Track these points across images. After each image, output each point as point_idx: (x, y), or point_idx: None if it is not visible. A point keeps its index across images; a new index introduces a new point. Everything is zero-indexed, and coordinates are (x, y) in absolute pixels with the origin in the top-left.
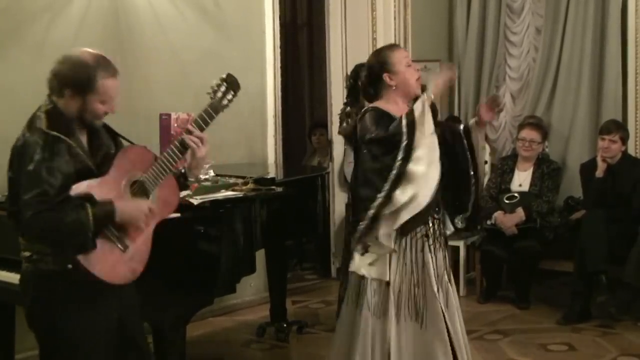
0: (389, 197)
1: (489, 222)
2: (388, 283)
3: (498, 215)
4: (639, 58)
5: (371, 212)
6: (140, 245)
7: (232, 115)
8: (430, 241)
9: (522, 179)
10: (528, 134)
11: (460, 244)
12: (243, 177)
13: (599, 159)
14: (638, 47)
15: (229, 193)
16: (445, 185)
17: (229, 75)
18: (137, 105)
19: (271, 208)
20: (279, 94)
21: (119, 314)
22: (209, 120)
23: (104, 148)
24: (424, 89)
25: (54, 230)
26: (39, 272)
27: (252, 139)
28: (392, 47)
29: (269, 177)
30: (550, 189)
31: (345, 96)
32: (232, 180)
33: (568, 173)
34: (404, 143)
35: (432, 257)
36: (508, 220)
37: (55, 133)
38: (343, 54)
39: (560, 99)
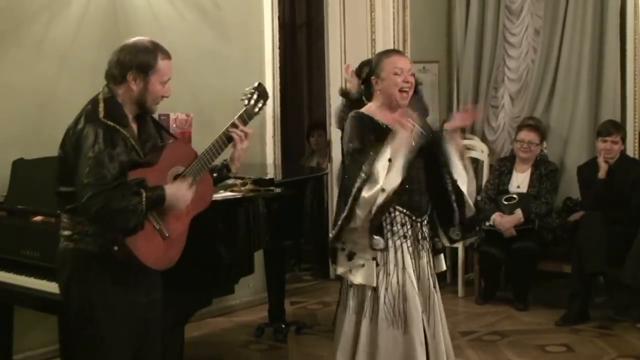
0: (349, 214)
1: (487, 224)
2: (374, 288)
3: (496, 216)
4: (637, 59)
5: (338, 224)
6: (178, 234)
7: (230, 116)
8: (409, 243)
9: (520, 181)
10: (526, 135)
11: (459, 245)
12: (242, 178)
13: (600, 161)
14: (637, 48)
15: (228, 194)
16: (430, 200)
17: (260, 84)
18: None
19: (270, 209)
20: (278, 94)
21: (147, 300)
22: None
23: (152, 139)
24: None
25: (109, 212)
26: (78, 251)
27: (250, 139)
28: (389, 52)
29: (267, 177)
30: (548, 190)
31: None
32: (230, 181)
33: (566, 174)
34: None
35: (412, 260)
36: (506, 221)
37: (112, 123)
38: (342, 55)
39: (559, 100)
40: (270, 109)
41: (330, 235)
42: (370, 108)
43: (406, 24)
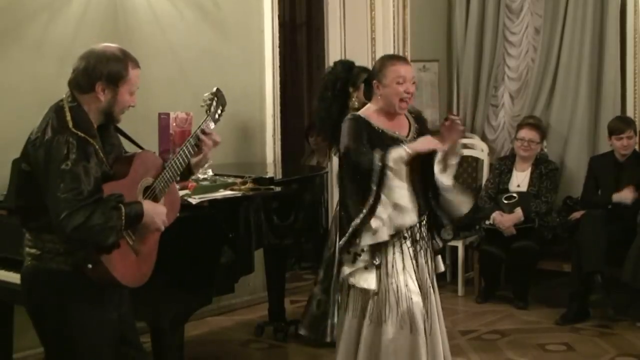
0: (365, 220)
1: (487, 222)
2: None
3: (496, 215)
4: (637, 58)
5: (350, 230)
6: (150, 249)
7: (230, 115)
8: (409, 243)
9: (520, 179)
10: (527, 133)
11: (459, 244)
12: (242, 177)
13: (626, 193)
14: (637, 47)
15: (228, 192)
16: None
17: (217, 90)
18: (136, 105)
19: (270, 207)
20: (278, 93)
21: (118, 314)
22: (207, 132)
23: (115, 149)
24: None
25: (88, 229)
26: (49, 271)
27: (250, 138)
28: (394, 59)
29: (267, 176)
30: (548, 189)
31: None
32: (230, 180)
33: (566, 173)
34: (377, 172)
35: (411, 260)
36: (506, 220)
37: (82, 134)
38: (342, 54)
39: (559, 99)
40: (271, 109)
41: (340, 242)
42: (367, 111)
43: (406, 23)
